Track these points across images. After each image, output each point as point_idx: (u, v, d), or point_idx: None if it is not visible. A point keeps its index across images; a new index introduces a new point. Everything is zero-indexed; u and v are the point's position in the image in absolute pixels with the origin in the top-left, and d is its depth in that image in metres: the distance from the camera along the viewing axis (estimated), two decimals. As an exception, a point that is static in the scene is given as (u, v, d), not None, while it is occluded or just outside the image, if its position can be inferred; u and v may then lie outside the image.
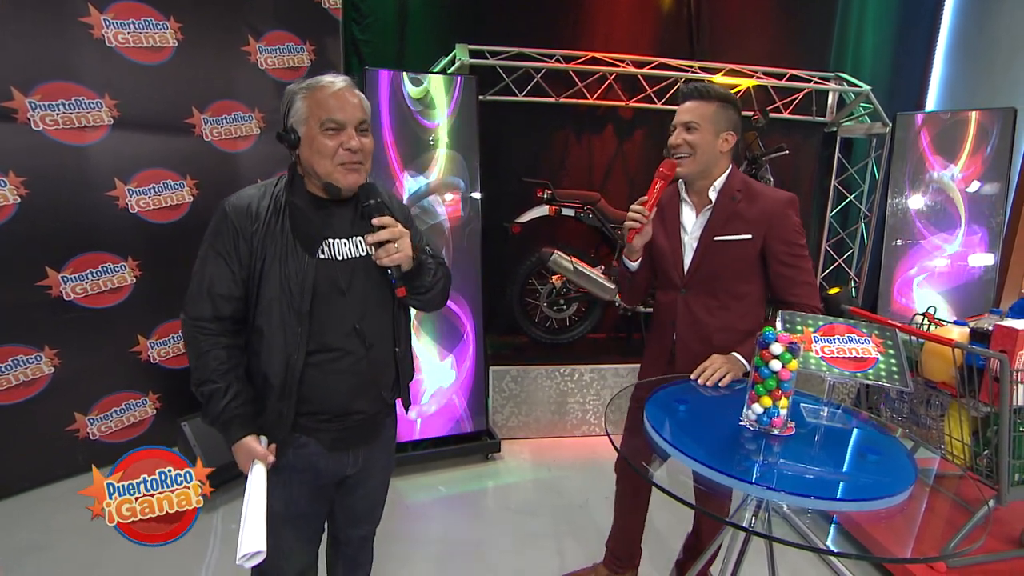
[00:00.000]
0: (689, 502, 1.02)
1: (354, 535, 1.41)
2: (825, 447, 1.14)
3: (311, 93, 1.11)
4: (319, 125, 1.10)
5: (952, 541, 1.51)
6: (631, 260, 1.54)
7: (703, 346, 1.49)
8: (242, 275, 1.12)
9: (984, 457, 1.77)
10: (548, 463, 2.80)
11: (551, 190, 2.98)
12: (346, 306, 1.15)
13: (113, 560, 1.95)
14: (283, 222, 1.12)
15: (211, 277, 1.11)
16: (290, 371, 1.12)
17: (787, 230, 1.45)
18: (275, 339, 1.12)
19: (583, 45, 3.21)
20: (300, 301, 1.11)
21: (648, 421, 1.15)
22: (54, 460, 2.45)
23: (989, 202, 3.30)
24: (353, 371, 1.17)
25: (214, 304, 1.11)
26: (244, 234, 1.10)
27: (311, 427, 1.17)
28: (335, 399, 1.17)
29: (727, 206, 1.47)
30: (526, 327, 3.12)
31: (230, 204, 1.13)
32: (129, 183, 2.51)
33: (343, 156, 1.11)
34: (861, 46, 3.72)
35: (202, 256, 1.13)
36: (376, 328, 1.20)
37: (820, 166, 3.73)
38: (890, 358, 1.20)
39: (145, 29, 2.47)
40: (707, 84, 1.47)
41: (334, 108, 1.10)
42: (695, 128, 1.44)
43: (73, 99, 2.33)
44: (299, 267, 1.11)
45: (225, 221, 1.11)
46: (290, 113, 1.13)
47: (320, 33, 2.97)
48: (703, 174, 1.49)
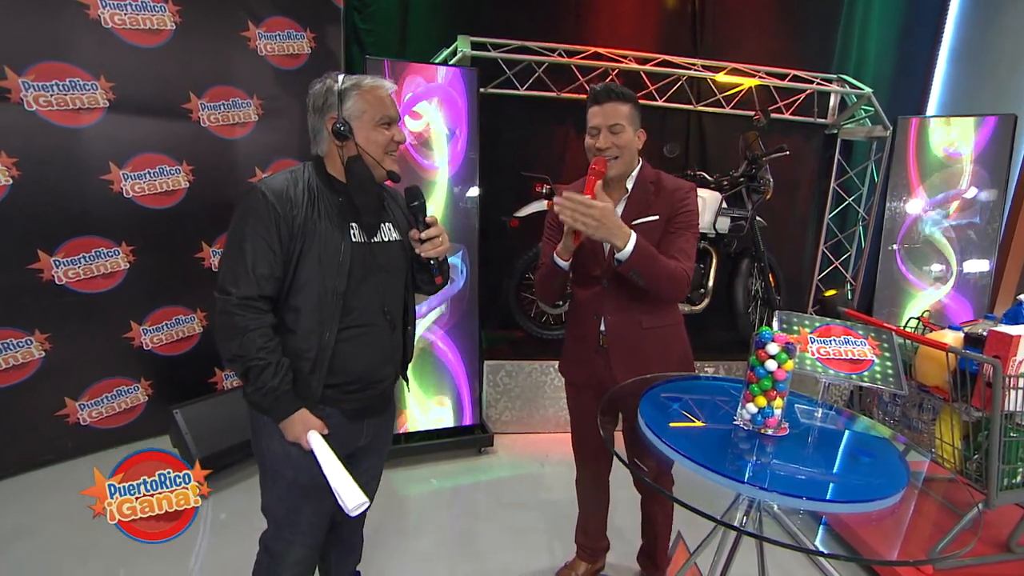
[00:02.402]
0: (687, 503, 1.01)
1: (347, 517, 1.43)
2: (818, 448, 1.14)
3: (369, 92, 1.22)
4: (375, 120, 1.22)
5: (939, 544, 1.52)
6: (564, 259, 1.53)
7: (633, 329, 1.56)
8: (282, 257, 1.17)
9: (974, 461, 1.78)
10: (541, 458, 2.80)
11: (550, 184, 2.97)
12: (376, 286, 1.26)
13: (101, 545, 1.94)
14: (319, 209, 1.20)
15: (254, 257, 1.15)
16: (323, 347, 1.20)
17: (685, 211, 1.54)
18: (311, 317, 1.19)
19: (586, 40, 3.19)
20: (337, 282, 1.19)
21: (642, 419, 1.15)
22: (43, 445, 2.43)
23: (985, 208, 3.31)
24: (379, 345, 1.29)
25: (259, 284, 1.15)
26: (286, 218, 1.16)
27: (335, 398, 1.25)
28: (362, 369, 1.27)
29: (643, 195, 1.55)
30: (522, 322, 3.11)
31: (268, 189, 1.17)
32: (124, 167, 2.48)
33: (392, 147, 1.26)
34: (864, 48, 3.72)
35: (239, 236, 1.16)
36: (397, 309, 1.33)
37: (820, 168, 3.73)
38: (885, 361, 1.20)
39: (142, 11, 2.43)
40: (616, 85, 1.53)
41: (389, 106, 1.25)
42: (619, 130, 1.48)
43: (68, 80, 2.30)
44: (337, 250, 1.20)
45: (264, 204, 1.15)
46: (343, 107, 1.21)
47: (321, 21, 2.93)
48: (627, 172, 1.55)
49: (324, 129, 1.23)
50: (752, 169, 3.07)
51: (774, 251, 3.37)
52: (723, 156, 3.44)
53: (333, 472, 1.13)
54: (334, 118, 1.21)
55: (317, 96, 1.23)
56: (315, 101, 1.24)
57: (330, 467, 1.14)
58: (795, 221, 3.75)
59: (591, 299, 1.60)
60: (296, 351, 1.20)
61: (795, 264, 3.80)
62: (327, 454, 1.16)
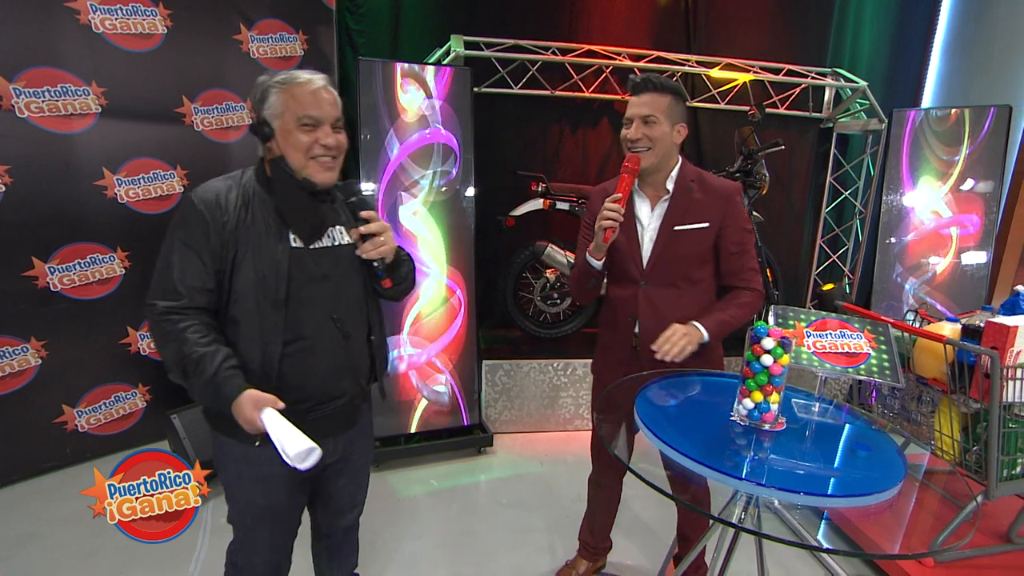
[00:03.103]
0: (664, 491, 1.01)
1: (337, 526, 1.40)
2: (816, 443, 1.14)
3: (288, 88, 1.12)
4: (296, 120, 1.11)
5: (940, 536, 1.52)
6: (597, 259, 1.51)
7: None
8: (214, 267, 1.10)
9: (973, 453, 1.78)
10: (540, 457, 2.80)
11: (546, 183, 2.96)
12: (321, 294, 1.17)
13: (104, 551, 1.94)
14: (254, 214, 1.13)
15: (182, 269, 1.09)
16: (267, 360, 1.13)
17: (739, 218, 1.50)
18: (251, 329, 1.12)
19: (579, 38, 3.19)
20: (276, 290, 1.12)
21: (638, 416, 1.15)
22: (42, 452, 2.42)
23: (983, 200, 3.31)
24: (331, 358, 1.19)
25: (189, 296, 1.09)
26: (215, 226, 1.10)
27: (290, 417, 1.12)
28: (314, 385, 1.18)
29: (685, 196, 1.50)
30: (519, 321, 3.11)
31: (198, 196, 1.12)
32: (118, 172, 2.47)
33: (318, 151, 1.13)
34: (858, 42, 3.71)
35: (168, 247, 1.11)
36: (352, 316, 1.23)
37: (816, 162, 3.73)
38: (882, 354, 1.20)
39: (133, 15, 2.42)
40: (659, 77, 1.48)
41: (311, 104, 1.12)
42: (654, 121, 1.45)
43: (59, 86, 2.29)
44: (273, 257, 1.12)
45: (193, 213, 1.10)
46: (264, 105, 1.12)
47: (313, 22, 2.93)
48: (660, 166, 1.50)
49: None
50: (748, 164, 3.06)
51: (771, 246, 3.36)
52: (719, 151, 3.43)
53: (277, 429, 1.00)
54: (255, 117, 1.15)
55: (253, 93, 1.16)
56: (252, 97, 1.16)
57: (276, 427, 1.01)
58: (792, 216, 3.75)
59: (626, 301, 1.57)
60: (241, 366, 1.11)
61: (792, 259, 3.80)
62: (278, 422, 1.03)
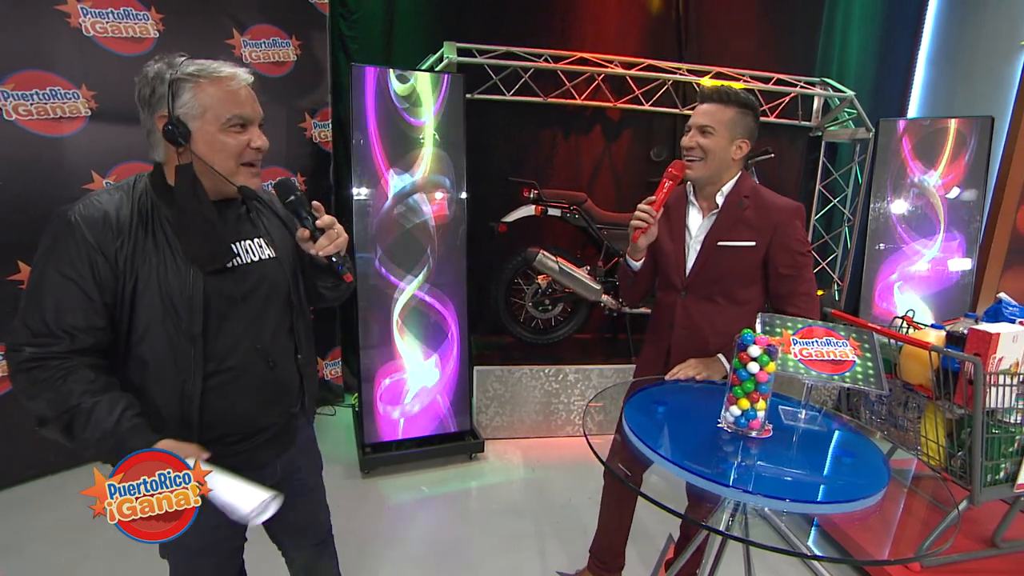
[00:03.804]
0: (674, 509, 1.02)
1: (303, 546, 1.31)
2: (802, 450, 1.15)
3: (210, 83, 0.95)
4: (222, 121, 0.96)
5: (926, 541, 1.53)
6: (634, 259, 1.51)
7: (699, 351, 1.48)
8: (105, 300, 0.92)
9: (958, 458, 1.80)
10: (532, 463, 2.79)
11: (537, 190, 2.98)
12: (243, 318, 1.03)
13: (110, 552, 1.90)
14: (154, 233, 0.95)
15: (58, 306, 0.90)
16: (186, 400, 0.98)
17: (791, 239, 1.44)
18: (164, 368, 0.97)
19: (572, 45, 3.21)
20: (190, 322, 0.96)
21: (626, 423, 1.15)
22: (26, 460, 2.38)
23: (967, 208, 3.36)
24: (258, 386, 1.06)
25: (71, 338, 0.90)
26: (105, 251, 0.91)
27: (218, 453, 0.99)
28: (242, 418, 1.05)
29: (733, 212, 1.46)
30: (511, 327, 3.11)
31: (79, 215, 0.91)
32: (107, 176, 2.45)
33: (250, 155, 1.00)
34: (846, 52, 3.78)
35: (38, 278, 0.91)
36: (277, 339, 1.09)
37: (805, 170, 3.78)
38: (867, 361, 1.21)
39: (125, 19, 2.41)
40: (730, 88, 1.43)
41: (242, 103, 0.98)
42: (710, 132, 1.41)
43: (48, 89, 2.27)
44: (183, 282, 0.95)
45: (73, 236, 0.90)
46: (176, 103, 0.94)
47: (306, 28, 2.93)
48: (712, 179, 1.46)
49: (156, 130, 0.96)
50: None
51: (761, 253, 3.39)
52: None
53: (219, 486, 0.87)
54: (164, 116, 0.94)
55: (144, 84, 0.95)
56: (141, 90, 0.95)
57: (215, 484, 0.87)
58: (781, 223, 3.79)
59: (667, 308, 1.56)
60: (153, 409, 0.97)
61: (782, 265, 3.83)
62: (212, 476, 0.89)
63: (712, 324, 1.50)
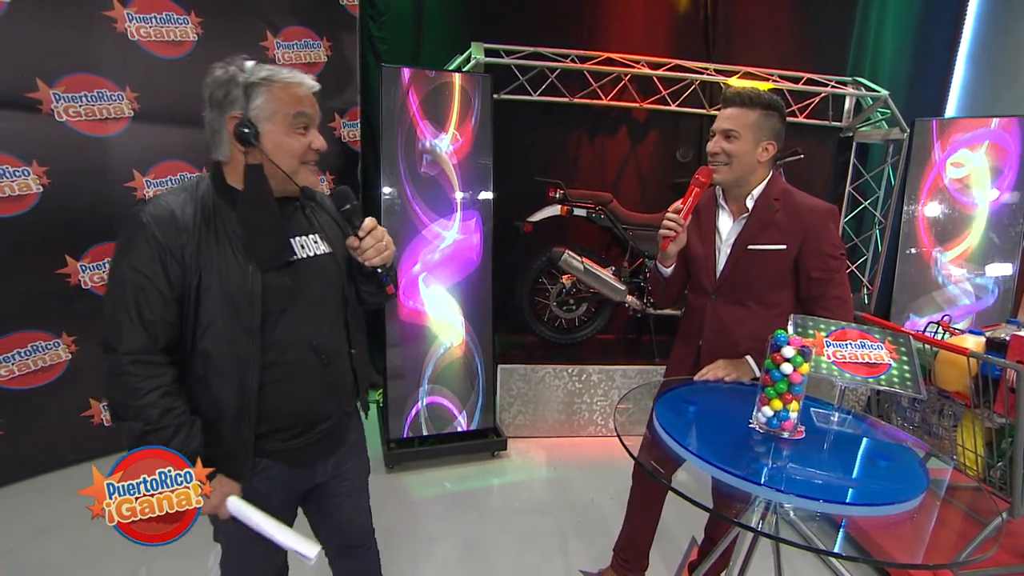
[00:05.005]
0: (706, 506, 1.02)
1: (345, 547, 1.33)
2: (835, 452, 1.13)
3: (281, 88, 1.01)
4: (289, 123, 1.02)
5: (964, 552, 1.49)
6: (664, 266, 1.51)
7: (729, 354, 1.47)
8: (173, 296, 0.98)
9: (998, 469, 1.75)
10: (555, 462, 2.80)
11: (563, 190, 2.98)
12: (299, 312, 1.07)
13: (122, 545, 1.96)
14: (216, 231, 1.01)
15: (138, 301, 0.96)
16: (244, 392, 1.02)
17: (823, 242, 1.42)
18: (225, 361, 1.01)
19: (598, 45, 3.21)
20: (249, 316, 1.00)
21: (657, 422, 1.15)
22: (68, 445, 2.49)
23: (1008, 211, 3.25)
24: (312, 382, 1.10)
25: (149, 332, 0.96)
26: (172, 250, 0.97)
27: (273, 448, 1.09)
28: (297, 413, 1.10)
29: (763, 215, 1.44)
30: (535, 326, 3.12)
31: (148, 215, 0.97)
32: (147, 174, 2.55)
33: (311, 156, 1.06)
34: (880, 51, 3.68)
35: (118, 277, 0.98)
36: (331, 335, 1.13)
37: (835, 171, 3.70)
38: (903, 364, 1.19)
39: (166, 23, 2.51)
40: (752, 90, 1.41)
41: (308, 106, 1.04)
42: (735, 137, 1.40)
43: (96, 91, 2.37)
44: (243, 278, 1.00)
45: (144, 235, 0.96)
46: (250, 105, 0.99)
47: (337, 29, 2.99)
48: (739, 182, 1.45)
49: (225, 130, 1.01)
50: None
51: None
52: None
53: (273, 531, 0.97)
54: (237, 117, 0.99)
55: (217, 86, 1.00)
56: (213, 92, 1.01)
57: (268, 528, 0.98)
58: (810, 225, 3.71)
59: (698, 311, 1.56)
60: (214, 401, 1.03)
61: (811, 268, 3.75)
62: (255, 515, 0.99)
63: (742, 327, 1.48)
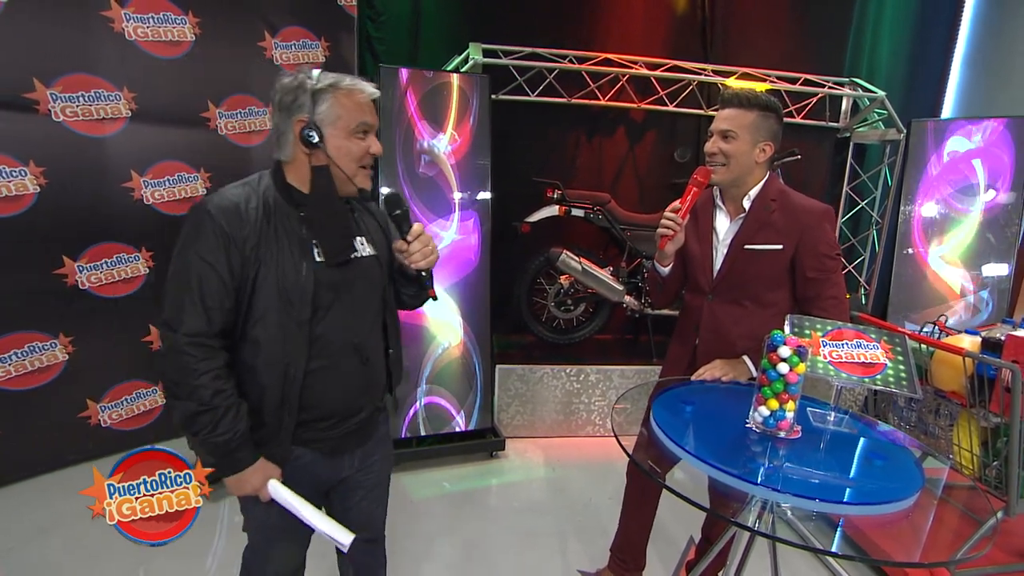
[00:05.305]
0: (703, 505, 1.02)
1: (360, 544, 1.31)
2: (831, 451, 1.14)
3: (347, 95, 1.07)
4: (351, 128, 1.08)
5: (960, 551, 1.50)
6: (662, 265, 1.52)
7: (725, 353, 1.48)
8: (233, 284, 1.03)
9: (993, 468, 1.75)
10: (553, 462, 2.80)
11: (561, 190, 2.99)
12: (344, 309, 1.12)
13: (121, 545, 1.96)
14: (276, 226, 1.06)
15: (201, 287, 1.02)
16: (289, 381, 1.08)
17: (819, 242, 1.43)
18: (273, 350, 1.07)
19: (596, 46, 3.22)
20: (300, 309, 1.06)
21: (654, 421, 1.16)
22: (66, 446, 2.49)
23: (1004, 212, 3.26)
24: (352, 374, 1.16)
25: (208, 317, 1.02)
26: (235, 240, 1.02)
27: (309, 437, 1.14)
28: (337, 403, 1.16)
29: (760, 215, 1.46)
30: (533, 326, 3.12)
31: (215, 206, 1.03)
32: (145, 175, 2.54)
33: (368, 160, 1.13)
34: (877, 51, 3.70)
35: (183, 263, 1.03)
36: (371, 334, 1.20)
37: (832, 171, 3.71)
38: (899, 364, 1.20)
39: (164, 23, 2.50)
40: (749, 91, 1.43)
41: (368, 113, 1.10)
42: (732, 137, 1.42)
43: (93, 91, 2.36)
44: (297, 272, 1.06)
45: (211, 225, 1.02)
46: (316, 110, 1.05)
47: (335, 29, 2.99)
48: (737, 183, 1.46)
49: (291, 132, 1.07)
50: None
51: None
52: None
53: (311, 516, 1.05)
54: (303, 121, 1.05)
55: (286, 92, 1.06)
56: (282, 97, 1.07)
57: (306, 512, 1.05)
58: (808, 225, 3.73)
59: (694, 310, 1.57)
60: (259, 387, 1.08)
61: (808, 268, 3.77)
62: (295, 500, 1.06)
63: (738, 327, 1.49)
